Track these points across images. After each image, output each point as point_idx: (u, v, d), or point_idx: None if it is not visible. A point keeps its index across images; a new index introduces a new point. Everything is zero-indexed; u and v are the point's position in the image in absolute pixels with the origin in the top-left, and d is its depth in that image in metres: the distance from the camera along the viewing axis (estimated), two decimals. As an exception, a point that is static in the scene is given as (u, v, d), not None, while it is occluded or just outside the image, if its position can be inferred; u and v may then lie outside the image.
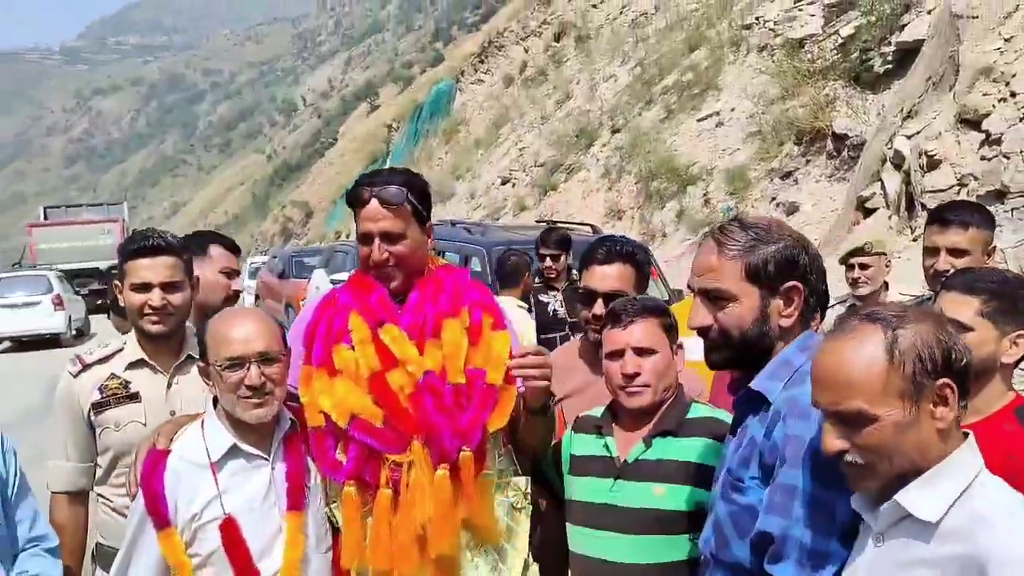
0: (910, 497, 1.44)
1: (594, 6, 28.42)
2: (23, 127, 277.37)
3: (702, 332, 1.81)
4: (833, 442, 1.47)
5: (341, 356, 2.19)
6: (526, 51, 31.82)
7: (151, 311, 2.49)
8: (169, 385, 2.53)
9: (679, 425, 2.25)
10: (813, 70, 13.82)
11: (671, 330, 2.33)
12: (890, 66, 12.42)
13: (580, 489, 2.30)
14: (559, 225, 7.91)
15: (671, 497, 2.16)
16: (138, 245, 2.52)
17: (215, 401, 2.17)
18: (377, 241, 2.22)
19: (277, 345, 2.12)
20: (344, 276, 4.98)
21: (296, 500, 2.11)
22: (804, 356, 1.75)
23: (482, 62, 35.43)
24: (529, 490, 2.28)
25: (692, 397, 2.38)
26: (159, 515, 2.04)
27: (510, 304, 3.26)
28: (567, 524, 2.31)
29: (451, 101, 35.62)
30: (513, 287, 5.41)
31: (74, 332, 18.52)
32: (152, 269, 2.48)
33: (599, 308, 2.65)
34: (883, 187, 9.93)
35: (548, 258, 5.73)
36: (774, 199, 13.15)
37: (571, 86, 24.92)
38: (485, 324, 2.25)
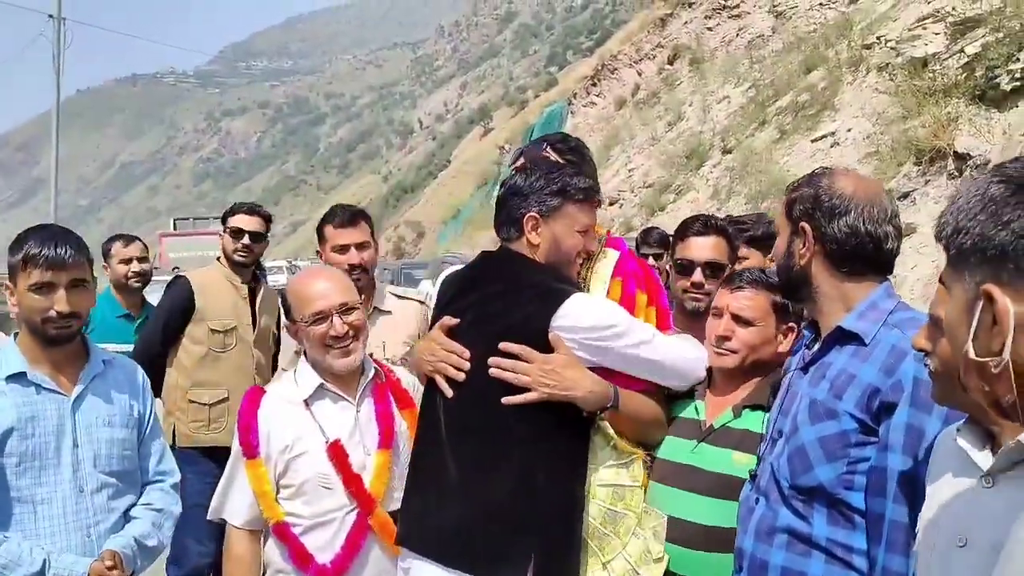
0: None
1: (709, 29, 28.19)
2: (158, 146, 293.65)
3: None
4: None
5: None
6: (639, 74, 31.78)
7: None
8: None
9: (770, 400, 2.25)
10: (935, 89, 13.36)
11: (782, 309, 2.32)
12: (1018, 83, 11.88)
13: (665, 448, 2.34)
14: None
15: (751, 467, 2.15)
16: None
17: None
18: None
19: (354, 296, 2.26)
20: None
21: (387, 439, 2.22)
22: (892, 301, 1.83)
23: (595, 85, 35.56)
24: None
25: None
26: (249, 446, 2.18)
27: None
28: (649, 480, 2.34)
29: (563, 123, 35.85)
30: None
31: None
32: None
33: (698, 276, 2.70)
34: (1007, 207, 9.49)
35: (651, 257, 5.71)
36: (890, 220, 12.76)
37: (683, 108, 24.77)
38: (640, 300, 2.32)
